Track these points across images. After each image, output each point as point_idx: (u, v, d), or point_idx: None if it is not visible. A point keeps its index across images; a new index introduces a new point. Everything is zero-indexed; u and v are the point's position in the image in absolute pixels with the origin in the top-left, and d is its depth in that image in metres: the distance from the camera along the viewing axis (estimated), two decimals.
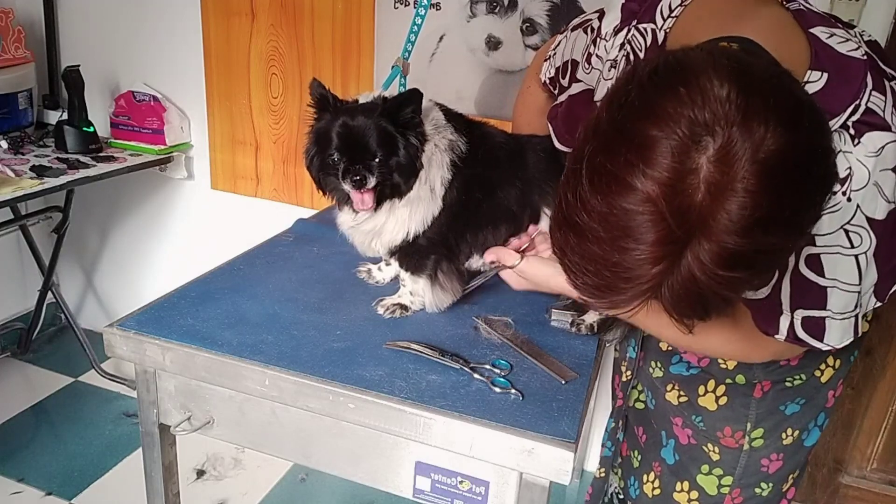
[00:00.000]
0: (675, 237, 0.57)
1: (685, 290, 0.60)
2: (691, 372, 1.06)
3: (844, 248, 0.76)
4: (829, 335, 0.81)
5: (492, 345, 1.10)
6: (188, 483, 2.07)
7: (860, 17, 1.62)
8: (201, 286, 1.23)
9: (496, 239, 1.20)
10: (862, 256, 0.77)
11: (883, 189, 0.75)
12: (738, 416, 1.02)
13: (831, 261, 0.77)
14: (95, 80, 2.36)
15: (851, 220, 0.75)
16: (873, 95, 0.74)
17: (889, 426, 1.99)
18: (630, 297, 0.62)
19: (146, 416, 1.12)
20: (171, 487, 1.18)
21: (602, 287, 0.63)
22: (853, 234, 0.76)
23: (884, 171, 0.74)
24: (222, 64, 2.22)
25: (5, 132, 2.20)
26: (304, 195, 2.26)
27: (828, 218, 0.75)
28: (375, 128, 1.06)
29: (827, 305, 0.79)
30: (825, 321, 0.80)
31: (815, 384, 1.00)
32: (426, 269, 1.16)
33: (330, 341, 1.08)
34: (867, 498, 2.06)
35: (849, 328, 0.81)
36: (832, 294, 0.78)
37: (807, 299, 0.80)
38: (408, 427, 0.93)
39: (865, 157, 0.74)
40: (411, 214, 1.12)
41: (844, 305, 0.79)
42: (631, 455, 1.21)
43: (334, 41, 2.05)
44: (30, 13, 2.38)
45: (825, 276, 0.78)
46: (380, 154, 1.06)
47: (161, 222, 2.57)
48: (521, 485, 0.92)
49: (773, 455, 1.04)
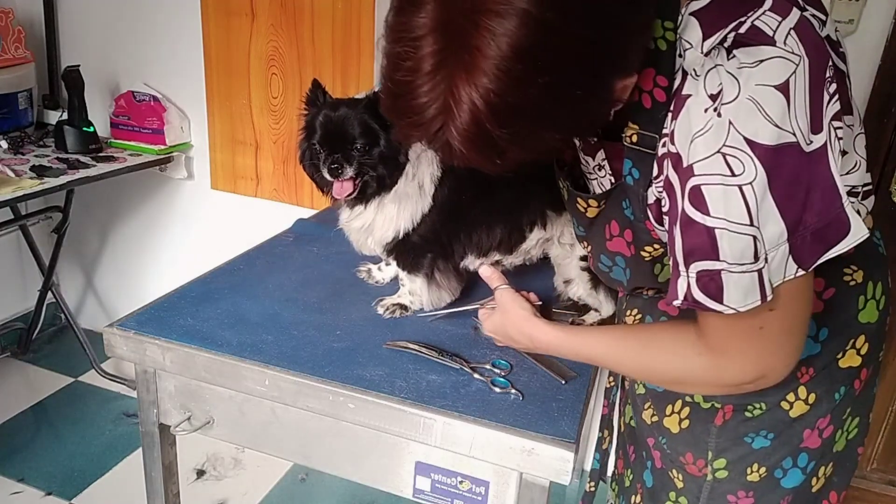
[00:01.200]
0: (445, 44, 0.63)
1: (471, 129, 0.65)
2: (662, 387, 1.02)
3: (725, 176, 0.68)
4: (727, 293, 0.71)
5: (492, 345, 1.10)
6: (188, 483, 2.08)
7: (860, 16, 1.62)
8: (201, 286, 1.24)
9: (491, 240, 1.20)
10: (748, 189, 0.68)
11: (764, 108, 0.67)
12: (699, 442, 0.96)
13: (714, 193, 0.69)
14: (95, 80, 2.36)
15: (727, 140, 0.68)
16: (766, 15, 0.69)
17: (889, 426, 1.99)
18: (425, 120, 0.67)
19: (146, 416, 1.12)
20: (171, 487, 1.18)
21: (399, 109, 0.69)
22: (731, 158, 0.68)
23: (763, 87, 0.67)
24: (222, 64, 2.22)
25: (5, 132, 2.20)
26: (304, 195, 2.26)
27: (702, 140, 0.69)
28: (356, 119, 1.08)
29: (719, 254, 0.70)
30: (721, 275, 0.71)
31: (783, 417, 0.91)
32: (422, 267, 1.17)
33: (330, 341, 1.08)
34: (867, 498, 2.06)
35: (751, 287, 0.71)
36: (722, 238, 0.70)
37: (698, 248, 0.72)
38: (408, 427, 0.93)
39: (737, 70, 0.68)
40: (399, 211, 1.13)
41: (741, 254, 0.70)
42: (625, 473, 1.19)
43: (334, 41, 2.05)
44: (30, 13, 2.38)
45: (711, 215, 0.70)
46: (359, 144, 1.08)
47: (161, 222, 2.58)
48: (521, 485, 0.92)
49: (741, 492, 0.95)
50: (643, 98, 0.78)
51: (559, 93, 0.65)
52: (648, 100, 0.77)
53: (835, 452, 0.96)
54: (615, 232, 0.91)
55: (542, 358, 1.06)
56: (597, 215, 0.93)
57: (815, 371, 0.90)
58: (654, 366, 0.86)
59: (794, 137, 0.68)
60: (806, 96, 0.68)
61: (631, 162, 0.83)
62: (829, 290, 0.88)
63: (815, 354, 0.89)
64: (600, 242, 0.95)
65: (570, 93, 0.66)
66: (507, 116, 0.64)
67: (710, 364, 0.80)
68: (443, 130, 0.67)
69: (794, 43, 0.68)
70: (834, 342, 0.90)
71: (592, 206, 0.93)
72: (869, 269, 0.90)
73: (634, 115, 0.79)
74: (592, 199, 0.92)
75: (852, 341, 0.90)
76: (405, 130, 0.71)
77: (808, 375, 0.90)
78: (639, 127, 0.79)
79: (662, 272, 0.90)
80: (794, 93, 0.67)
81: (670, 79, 0.75)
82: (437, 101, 0.65)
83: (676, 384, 0.89)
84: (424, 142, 0.72)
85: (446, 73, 0.64)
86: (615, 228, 0.90)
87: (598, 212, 0.93)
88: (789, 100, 0.67)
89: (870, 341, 0.91)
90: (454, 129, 0.66)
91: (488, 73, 0.62)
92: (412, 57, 0.65)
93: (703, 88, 0.71)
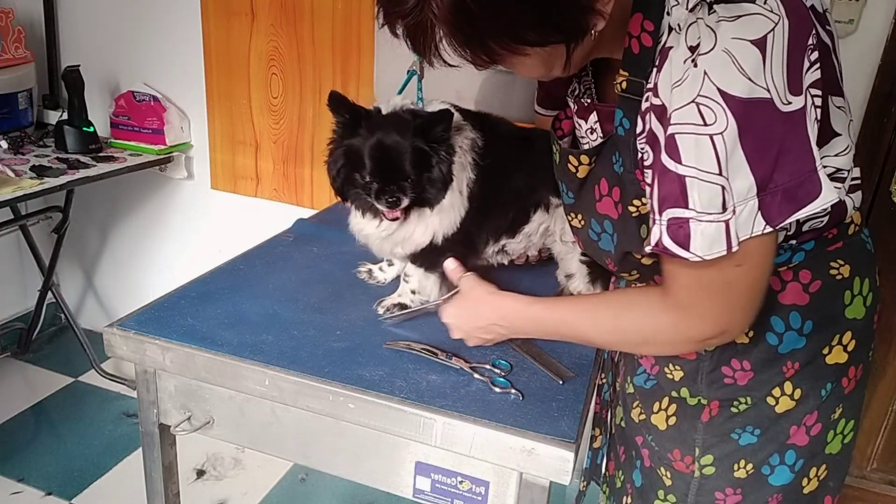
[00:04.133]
0: None
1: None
2: (649, 384, 1.03)
3: (697, 125, 0.70)
4: (694, 241, 0.73)
5: (492, 345, 1.10)
6: (188, 483, 2.08)
7: (860, 17, 1.62)
8: (201, 286, 1.24)
9: (503, 222, 1.22)
10: (718, 139, 0.70)
11: (738, 61, 0.69)
12: (686, 439, 0.97)
13: (686, 142, 0.71)
14: (95, 80, 2.36)
15: (701, 90, 0.70)
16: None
17: (889, 426, 1.99)
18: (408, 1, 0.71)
19: (146, 416, 1.12)
20: (171, 487, 1.18)
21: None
22: (704, 108, 0.70)
23: (738, 41, 0.69)
24: (222, 64, 2.22)
25: (5, 132, 2.20)
26: (304, 195, 2.26)
27: (679, 90, 0.71)
28: (410, 148, 1.06)
29: (688, 202, 0.73)
30: (689, 223, 0.73)
31: (769, 413, 0.92)
32: (440, 266, 1.16)
33: (330, 341, 1.08)
34: (867, 498, 2.06)
35: (717, 237, 0.72)
36: (692, 186, 0.72)
37: (669, 196, 0.74)
38: (408, 427, 0.93)
39: (715, 23, 0.70)
40: (441, 220, 1.13)
41: (708, 202, 0.72)
42: (616, 475, 1.19)
43: (334, 41, 2.05)
44: (30, 13, 2.38)
45: (682, 163, 0.72)
46: (413, 175, 1.07)
47: (161, 222, 2.58)
48: (521, 485, 0.92)
49: (729, 489, 0.96)
50: (632, 43, 0.80)
51: None
52: (637, 45, 0.80)
53: (829, 454, 0.96)
54: (604, 191, 0.92)
55: (541, 357, 1.06)
56: (587, 175, 0.95)
57: (801, 366, 0.90)
58: (623, 327, 0.90)
59: (769, 94, 0.69)
60: (784, 55, 0.69)
61: (622, 112, 0.85)
62: (815, 283, 0.88)
63: (799, 348, 0.90)
64: (590, 206, 0.96)
65: None
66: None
67: (676, 320, 0.83)
68: (422, 6, 0.71)
69: (775, 3, 0.70)
70: (819, 336, 0.90)
71: (583, 164, 0.95)
72: (856, 265, 0.90)
73: (625, 61, 0.82)
74: (584, 156, 0.94)
75: (838, 336, 0.91)
76: (386, 8, 0.75)
77: (794, 370, 0.90)
78: (628, 73, 0.82)
79: (648, 236, 0.89)
80: (772, 50, 0.69)
81: (656, 24, 0.77)
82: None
83: (645, 345, 0.92)
84: (404, 24, 0.76)
85: None
86: (604, 187, 0.92)
87: (588, 171, 0.95)
88: (765, 56, 0.69)
89: (856, 338, 0.91)
90: (435, 5, 0.70)
91: None
92: None
93: (683, 40, 0.73)
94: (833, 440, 0.95)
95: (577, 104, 0.99)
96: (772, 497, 0.96)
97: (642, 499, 1.08)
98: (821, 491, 0.98)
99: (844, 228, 0.88)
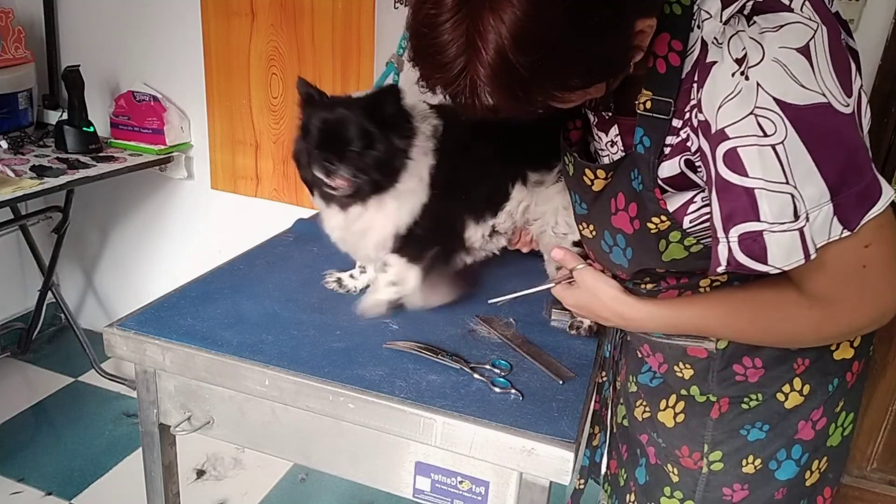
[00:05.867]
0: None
1: (495, 63, 0.66)
2: (655, 382, 1.04)
3: (759, 136, 0.70)
4: (771, 253, 0.72)
5: (492, 345, 1.10)
6: (188, 483, 2.08)
7: (860, 17, 1.62)
8: (201, 286, 1.23)
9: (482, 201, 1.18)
10: (780, 148, 0.69)
11: (790, 69, 0.69)
12: (695, 436, 0.98)
13: (750, 155, 0.71)
14: (95, 80, 2.36)
15: (757, 102, 0.70)
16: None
17: (889, 426, 1.99)
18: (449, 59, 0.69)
19: (146, 416, 1.12)
20: (171, 487, 1.18)
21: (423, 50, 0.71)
22: (763, 119, 0.70)
23: (786, 50, 0.69)
24: (222, 64, 2.22)
25: (5, 132, 2.20)
26: (304, 195, 2.26)
27: (734, 103, 0.71)
28: (352, 121, 1.06)
29: (759, 214, 0.71)
30: (763, 236, 0.72)
31: (778, 409, 0.93)
32: (424, 259, 1.15)
33: (330, 341, 1.08)
34: (867, 498, 2.06)
35: (794, 245, 0.71)
36: (761, 197, 0.71)
37: (738, 211, 0.73)
38: (408, 427, 0.93)
39: (759, 35, 0.70)
40: (400, 206, 1.11)
41: (780, 212, 0.71)
42: (618, 473, 1.19)
43: (334, 41, 2.05)
44: (30, 13, 2.38)
45: (749, 176, 0.71)
46: (357, 147, 1.06)
47: (161, 222, 2.58)
48: (521, 485, 0.92)
49: (737, 484, 0.97)
50: (657, 63, 0.79)
51: (581, 19, 0.66)
52: (663, 64, 0.79)
53: (829, 447, 0.97)
54: (620, 206, 0.90)
55: (541, 358, 1.06)
56: (603, 188, 0.93)
57: (811, 362, 0.91)
58: (768, 330, 0.86)
59: (825, 98, 0.70)
60: (829, 61, 0.70)
61: (643, 130, 0.83)
62: None
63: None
64: (604, 218, 0.94)
65: (591, 20, 0.67)
66: (531, 45, 0.66)
67: (823, 316, 0.80)
68: (467, 69, 0.69)
69: (810, 11, 0.70)
70: None
71: (600, 178, 0.92)
72: None
73: (649, 80, 0.81)
74: (601, 170, 0.92)
75: None
76: (428, 74, 0.73)
77: (804, 366, 0.91)
78: (652, 93, 0.81)
79: (667, 250, 0.88)
80: (816, 56, 0.69)
81: (684, 43, 0.77)
82: (461, 37, 0.67)
83: (793, 342, 0.89)
84: (446, 89, 0.73)
85: (469, 7, 0.66)
86: (621, 202, 0.90)
87: (604, 184, 0.92)
88: (812, 62, 0.69)
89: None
90: (479, 63, 0.67)
91: (512, 3, 0.64)
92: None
93: (727, 54, 0.72)
94: (834, 433, 0.97)
95: (598, 116, 0.96)
96: (777, 491, 0.97)
97: (647, 496, 1.08)
98: (821, 483, 0.99)
99: None
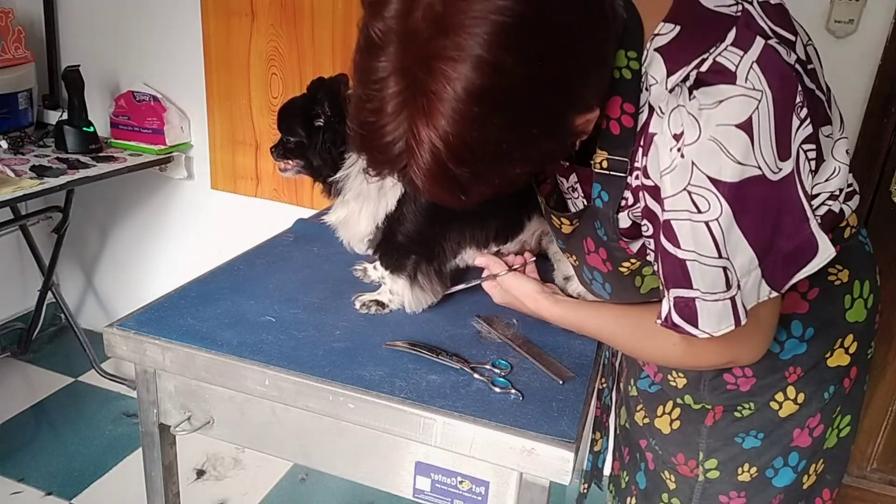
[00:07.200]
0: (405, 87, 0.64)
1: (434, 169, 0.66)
2: (653, 389, 1.04)
3: (692, 212, 0.70)
4: (702, 319, 0.74)
5: (492, 345, 1.10)
6: (188, 483, 2.08)
7: (860, 17, 1.62)
8: (201, 286, 1.23)
9: (486, 235, 1.20)
10: (714, 224, 0.70)
11: (726, 147, 0.67)
12: (690, 443, 0.98)
13: (683, 228, 0.72)
14: (95, 80, 2.36)
15: (691, 179, 0.69)
16: (728, 50, 0.69)
17: (889, 426, 1.99)
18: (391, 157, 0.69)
19: (146, 416, 1.12)
20: (171, 487, 1.18)
21: (367, 145, 0.70)
22: (697, 196, 0.69)
23: (724, 127, 0.67)
24: (222, 64, 2.22)
25: (5, 132, 2.20)
26: (304, 195, 2.26)
27: (669, 178, 0.71)
28: (299, 108, 1.15)
29: (692, 283, 0.73)
30: (695, 302, 0.74)
31: (772, 417, 0.93)
32: (405, 269, 1.16)
33: (330, 341, 1.08)
34: (867, 498, 2.06)
35: (725, 313, 0.73)
36: (693, 269, 0.72)
37: (673, 276, 0.75)
38: (408, 427, 0.93)
39: (697, 111, 0.68)
40: (361, 209, 1.17)
41: (712, 283, 0.72)
42: (621, 475, 1.19)
43: (334, 41, 2.05)
44: (30, 13, 2.38)
45: (681, 248, 0.72)
46: (301, 133, 1.16)
47: (161, 222, 2.58)
48: (521, 485, 0.92)
49: (733, 492, 0.96)
50: (611, 125, 0.79)
51: (516, 132, 0.66)
52: (616, 126, 0.78)
53: (826, 450, 0.96)
54: (591, 248, 0.92)
55: (541, 358, 1.06)
56: (572, 232, 0.95)
57: (804, 371, 0.90)
58: (639, 347, 0.94)
59: (759, 170, 0.69)
60: (771, 130, 0.68)
61: (600, 186, 0.83)
62: (814, 291, 0.88)
63: (801, 354, 0.89)
64: (581, 255, 0.96)
65: (527, 132, 0.67)
66: (466, 156, 0.66)
67: (687, 352, 0.85)
68: (407, 168, 0.69)
69: (756, 78, 0.68)
70: (821, 341, 0.90)
71: (566, 224, 0.94)
72: (855, 268, 0.90)
73: (603, 141, 0.80)
74: (565, 218, 0.93)
75: (840, 340, 0.91)
76: (374, 165, 0.73)
77: (796, 375, 0.90)
78: (608, 153, 0.80)
79: (644, 283, 0.90)
80: (758, 129, 0.67)
81: (636, 104, 0.76)
82: (400, 140, 0.67)
83: (660, 362, 0.98)
84: (394, 175, 0.73)
85: (407, 114, 0.65)
86: (591, 245, 0.92)
87: (572, 229, 0.94)
88: (752, 137, 0.67)
89: (858, 340, 0.91)
90: (416, 167, 0.68)
91: (446, 116, 0.63)
92: (375, 98, 0.66)
93: (667, 127, 0.71)
94: (830, 435, 0.96)
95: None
96: (775, 498, 0.96)
97: (647, 501, 1.08)
98: (819, 485, 0.98)
99: (840, 233, 0.87)
